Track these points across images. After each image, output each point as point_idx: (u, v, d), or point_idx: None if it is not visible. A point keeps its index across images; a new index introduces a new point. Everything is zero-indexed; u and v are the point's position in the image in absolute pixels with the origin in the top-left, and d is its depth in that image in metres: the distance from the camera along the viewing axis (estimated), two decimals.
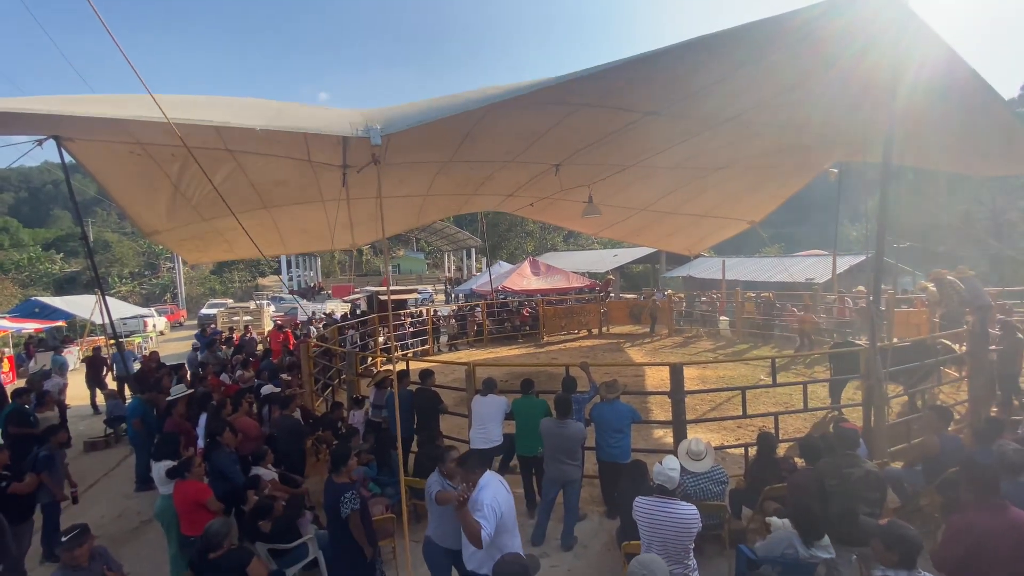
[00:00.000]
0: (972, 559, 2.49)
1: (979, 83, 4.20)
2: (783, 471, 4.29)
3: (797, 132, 6.58)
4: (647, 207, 11.57)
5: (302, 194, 7.84)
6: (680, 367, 5.43)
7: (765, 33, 3.78)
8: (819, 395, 8.02)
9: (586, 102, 4.78)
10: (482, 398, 5.32)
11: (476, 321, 15.92)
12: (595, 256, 35.99)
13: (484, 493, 2.87)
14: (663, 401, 7.84)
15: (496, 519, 2.81)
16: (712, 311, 16.27)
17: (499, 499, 2.88)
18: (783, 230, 41.62)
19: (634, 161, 7.58)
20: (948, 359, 6.88)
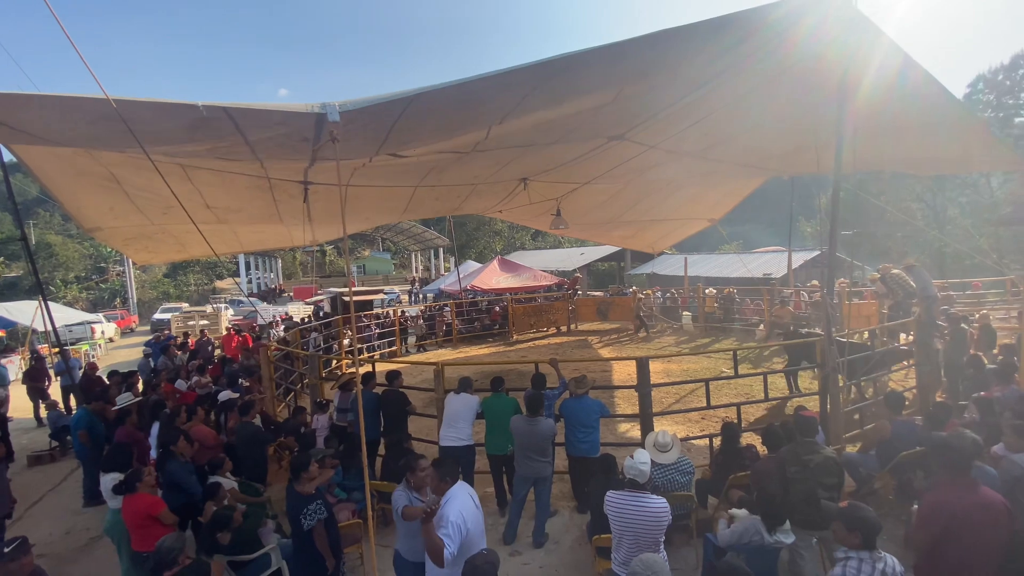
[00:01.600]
0: (949, 536, 2.59)
1: (933, 85, 4.40)
2: (746, 459, 4.41)
3: (753, 146, 6.84)
4: (613, 219, 11.99)
5: (261, 215, 7.66)
6: (646, 361, 5.51)
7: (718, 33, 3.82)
8: (778, 385, 8.33)
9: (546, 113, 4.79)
10: (455, 396, 5.26)
11: (445, 321, 15.77)
12: (563, 254, 36.35)
13: (450, 507, 2.76)
14: (630, 395, 7.97)
15: (461, 537, 2.69)
16: (675, 306, 16.65)
17: (465, 514, 2.77)
18: (741, 227, 43.07)
19: (600, 174, 7.75)
20: (896, 349, 7.26)
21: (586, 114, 4.86)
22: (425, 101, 3.45)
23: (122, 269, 37.06)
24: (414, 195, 8.03)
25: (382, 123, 3.74)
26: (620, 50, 3.61)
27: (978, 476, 3.00)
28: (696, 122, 5.48)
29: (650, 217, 12.05)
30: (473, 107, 4.08)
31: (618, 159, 6.87)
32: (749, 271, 18.80)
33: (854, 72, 4.28)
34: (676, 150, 6.66)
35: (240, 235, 9.36)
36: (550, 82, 3.81)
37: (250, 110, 3.06)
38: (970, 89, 28.25)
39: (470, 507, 2.86)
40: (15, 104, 2.92)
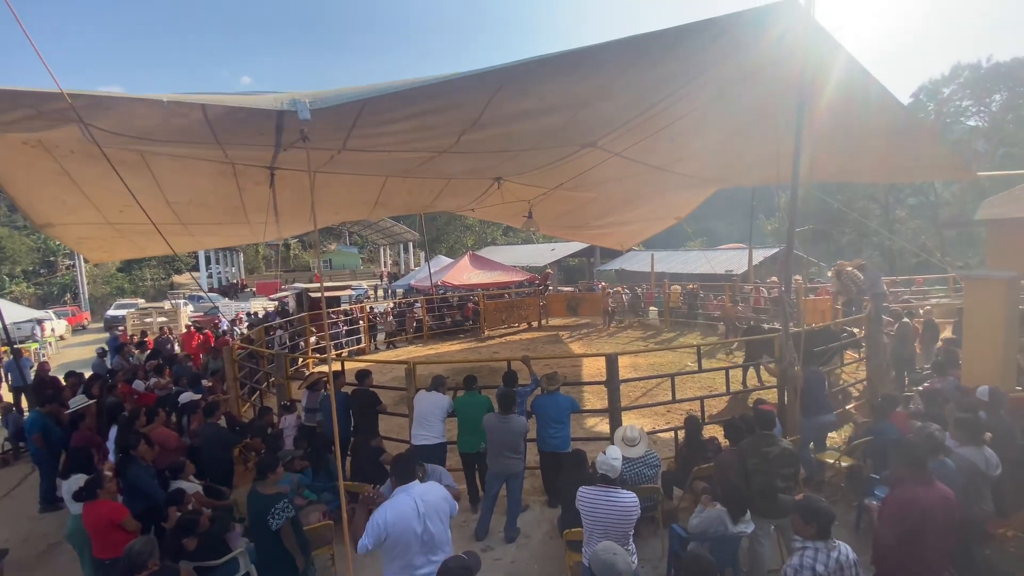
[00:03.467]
0: (915, 531, 2.76)
1: (885, 95, 4.65)
2: (709, 452, 4.60)
3: (717, 159, 7.08)
4: (584, 223, 12.28)
5: (225, 208, 7.41)
6: (615, 357, 5.65)
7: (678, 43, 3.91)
8: (739, 378, 8.66)
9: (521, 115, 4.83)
10: (425, 393, 5.27)
11: (415, 317, 15.65)
12: (534, 250, 36.48)
13: (382, 507, 2.83)
14: (599, 390, 8.14)
15: (377, 536, 2.73)
16: (640, 302, 17.02)
17: (390, 518, 2.75)
18: (706, 224, 44.22)
19: (572, 177, 7.87)
20: (849, 342, 7.65)
21: (559, 121, 4.93)
22: (397, 98, 3.43)
23: (72, 264, 35.07)
24: (385, 186, 7.89)
25: (349, 112, 3.70)
26: (585, 56, 3.69)
27: (937, 469, 3.21)
28: (663, 128, 5.63)
29: (620, 220, 12.38)
30: (445, 108, 4.08)
31: (590, 164, 7.00)
32: (712, 267, 19.37)
33: (812, 82, 4.47)
34: (644, 161, 6.85)
35: (201, 239, 9.07)
36: (521, 84, 3.84)
37: (217, 106, 2.98)
38: (913, 99, 29.73)
39: (404, 514, 2.79)
40: None
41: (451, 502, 3.06)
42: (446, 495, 3.04)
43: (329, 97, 3.12)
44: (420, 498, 2.87)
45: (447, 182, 8.19)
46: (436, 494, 2.97)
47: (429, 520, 2.84)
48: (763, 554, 3.68)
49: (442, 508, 2.95)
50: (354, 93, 3.24)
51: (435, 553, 2.86)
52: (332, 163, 5.63)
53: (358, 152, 5.10)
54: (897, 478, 3.04)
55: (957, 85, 28.55)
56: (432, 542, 2.85)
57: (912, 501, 2.81)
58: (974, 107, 28.95)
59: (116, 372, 8.58)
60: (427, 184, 8.18)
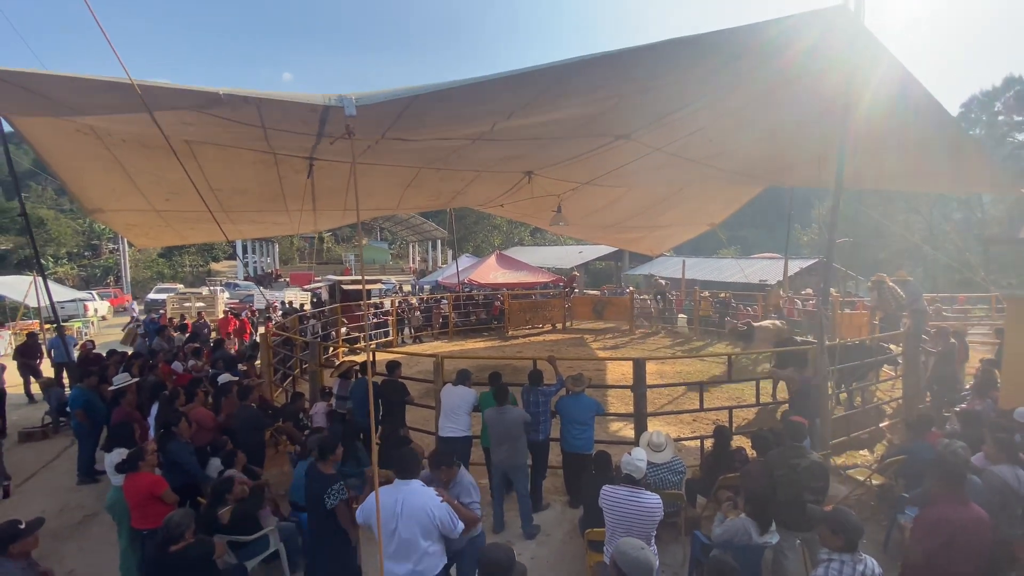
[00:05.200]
0: (946, 550, 2.70)
1: (932, 103, 4.51)
2: (736, 462, 4.53)
3: (755, 156, 6.93)
4: (615, 224, 12.15)
5: (264, 202, 7.67)
6: (643, 362, 5.62)
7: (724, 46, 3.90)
8: (768, 390, 8.47)
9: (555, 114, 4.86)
10: (452, 388, 5.35)
11: (442, 313, 15.84)
12: (561, 252, 36.44)
13: (372, 495, 2.94)
14: (623, 394, 8.10)
15: (363, 518, 3.02)
16: (670, 308, 16.80)
17: (368, 507, 2.94)
18: (739, 232, 43.30)
19: (605, 172, 7.81)
20: (886, 359, 7.40)
21: (594, 113, 4.93)
22: (437, 97, 3.51)
23: (115, 247, 36.81)
24: (417, 177, 8.00)
25: (391, 111, 3.81)
26: (628, 57, 3.69)
27: (967, 487, 3.12)
28: (699, 129, 5.57)
29: (652, 224, 12.21)
30: (482, 104, 4.15)
31: (624, 159, 6.93)
32: (746, 276, 18.99)
33: (856, 87, 4.37)
34: (681, 155, 6.74)
35: (242, 228, 9.41)
36: (558, 86, 3.88)
37: (268, 100, 3.13)
38: (964, 108, 28.47)
39: (386, 507, 2.87)
40: (37, 82, 2.96)
41: (437, 515, 2.87)
42: (433, 506, 2.87)
43: (375, 95, 3.23)
44: (404, 498, 2.88)
45: (477, 173, 8.22)
46: (420, 501, 2.88)
47: (402, 522, 2.82)
48: (788, 567, 3.62)
49: (420, 516, 2.83)
50: (398, 92, 3.34)
51: (407, 559, 2.83)
52: (369, 152, 5.78)
53: (395, 141, 5.22)
54: (931, 497, 2.96)
55: (1010, 98, 27.22)
56: (404, 547, 2.83)
57: (945, 520, 2.74)
58: None
59: (157, 353, 9.00)
60: (458, 175, 8.25)
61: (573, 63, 3.52)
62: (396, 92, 3.37)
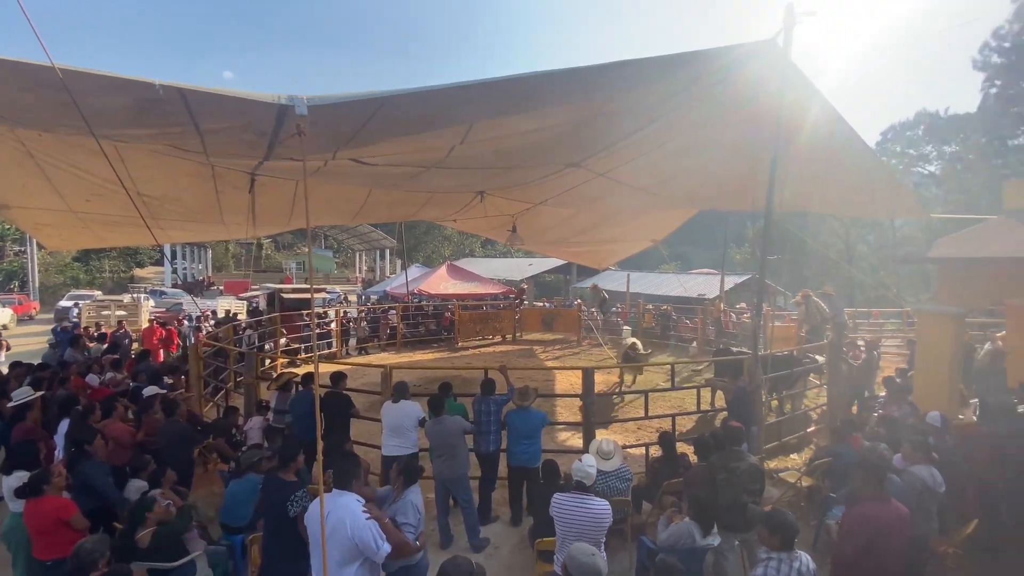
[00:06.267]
0: (871, 545, 2.88)
1: (854, 136, 4.94)
2: (680, 467, 4.69)
3: (697, 183, 7.36)
4: (565, 239, 12.50)
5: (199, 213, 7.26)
6: (591, 371, 5.73)
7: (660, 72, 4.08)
8: (708, 398, 8.85)
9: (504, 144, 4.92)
10: (393, 405, 5.10)
11: (390, 324, 15.46)
12: (511, 264, 36.62)
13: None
14: (571, 404, 8.21)
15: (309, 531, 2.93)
16: (615, 320, 17.28)
17: (312, 521, 2.88)
18: (680, 249, 45.39)
19: (556, 195, 8.05)
20: (812, 368, 7.95)
21: (546, 140, 5.05)
22: (396, 105, 3.45)
23: (22, 249, 33.31)
24: (369, 198, 7.91)
25: (349, 124, 3.71)
26: (582, 75, 3.81)
27: (887, 486, 3.38)
28: (645, 154, 5.83)
29: (599, 239, 12.64)
30: (439, 121, 4.12)
31: (573, 184, 7.17)
32: (686, 290, 19.89)
33: (784, 118, 4.72)
34: (627, 182, 7.05)
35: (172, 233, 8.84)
36: (517, 101, 3.93)
37: (210, 94, 2.94)
38: (882, 137, 31.65)
39: (311, 517, 2.87)
40: None
41: (356, 533, 2.72)
42: (353, 523, 2.74)
43: (328, 97, 3.13)
44: (330, 512, 2.78)
45: (431, 195, 8.24)
46: (342, 514, 2.77)
47: (329, 535, 2.74)
48: (727, 568, 3.76)
49: (340, 531, 2.72)
50: (353, 95, 3.25)
51: (332, 571, 2.73)
52: (320, 173, 5.60)
53: (348, 163, 5.09)
54: (855, 496, 3.18)
55: (920, 131, 30.52)
56: (331, 559, 2.74)
57: (869, 517, 2.94)
58: (933, 153, 30.91)
59: (69, 364, 8.18)
60: (411, 196, 8.21)
61: (537, 75, 3.57)
62: (351, 95, 3.28)
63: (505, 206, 9.24)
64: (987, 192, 23.90)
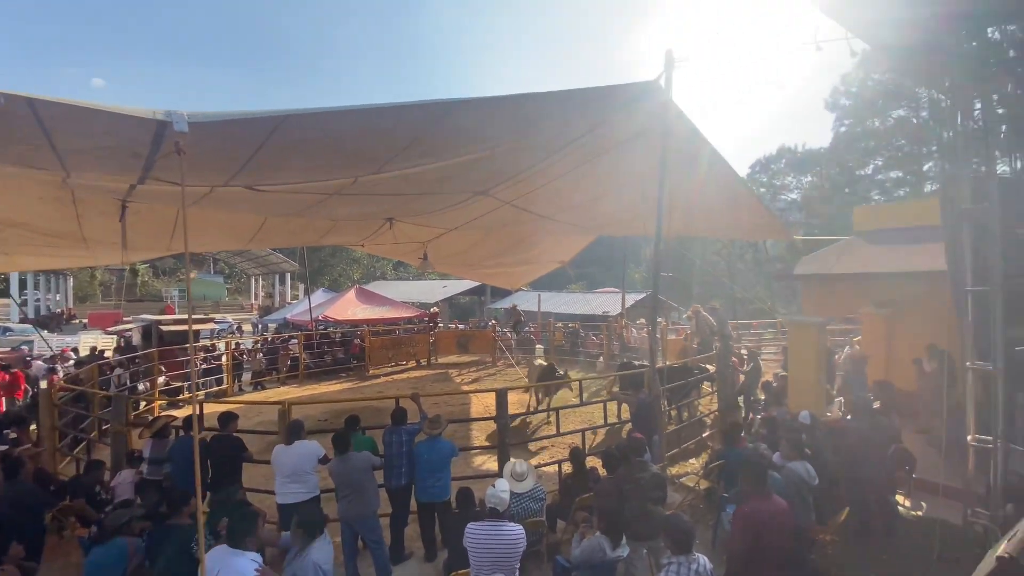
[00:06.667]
0: (759, 540, 3.14)
1: (728, 169, 5.59)
2: (590, 482, 4.84)
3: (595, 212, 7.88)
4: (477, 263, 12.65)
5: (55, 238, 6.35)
6: (504, 392, 5.76)
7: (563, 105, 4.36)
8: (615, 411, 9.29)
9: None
10: (286, 448, 4.65)
11: (290, 355, 14.41)
12: (425, 286, 36.14)
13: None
14: (487, 426, 8.17)
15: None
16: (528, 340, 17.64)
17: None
18: (587, 269, 47.67)
19: (465, 222, 8.15)
20: (704, 377, 8.69)
21: (455, 168, 5.11)
22: (297, 126, 3.29)
23: None
24: (265, 223, 7.40)
25: (244, 147, 3.46)
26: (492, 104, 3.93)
27: (769, 483, 3.74)
28: (547, 184, 6.14)
29: (511, 261, 12.96)
30: (342, 150, 3.99)
31: (483, 211, 7.32)
32: (591, 308, 20.89)
33: (672, 152, 5.24)
34: (532, 210, 7.36)
35: (19, 260, 7.61)
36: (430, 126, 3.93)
37: (70, 107, 2.58)
38: (751, 170, 36.22)
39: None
40: None
41: None
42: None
43: (214, 115, 2.90)
44: (220, 572, 2.63)
45: (335, 223, 7.94)
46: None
47: None
48: None
49: None
50: (245, 113, 3.05)
51: None
52: (207, 200, 5.13)
53: (241, 190, 4.73)
54: (743, 495, 3.49)
55: (782, 164, 35.34)
56: None
57: (754, 514, 3.25)
58: (793, 183, 35.89)
59: None
60: (312, 224, 7.85)
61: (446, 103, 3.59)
62: (241, 113, 3.06)
63: (415, 232, 9.14)
64: (840, 216, 28.10)
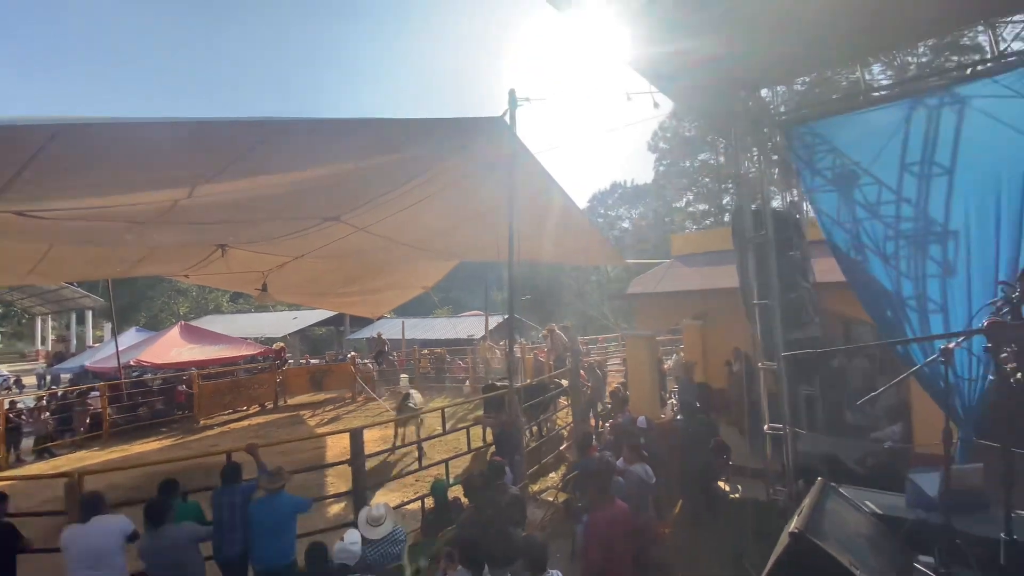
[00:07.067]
0: (607, 544, 3.33)
1: (569, 201, 6.09)
2: (453, 513, 4.75)
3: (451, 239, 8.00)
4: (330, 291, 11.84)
5: None
6: (360, 431, 5.41)
7: (403, 134, 4.40)
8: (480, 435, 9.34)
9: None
10: (81, 527, 3.77)
11: (91, 412, 11.79)
12: (271, 319, 32.64)
13: None
14: (345, 471, 7.59)
15: None
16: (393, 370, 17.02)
17: None
18: (451, 294, 47.93)
19: (314, 249, 7.61)
20: (560, 392, 9.22)
21: (298, 192, 4.78)
22: (81, 139, 2.74)
23: None
24: (50, 252, 6.04)
25: (3, 162, 2.77)
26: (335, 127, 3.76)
27: (613, 487, 4.05)
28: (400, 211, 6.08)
29: (370, 288, 12.39)
30: (153, 166, 3.45)
31: (334, 238, 6.93)
32: (457, 332, 20.98)
33: (520, 184, 5.57)
34: (389, 237, 7.19)
35: None
36: (260, 145, 3.59)
37: None
38: (589, 203, 40.73)
39: None
40: None
41: None
42: None
43: None
44: None
45: (151, 251, 6.82)
46: None
47: None
48: None
49: None
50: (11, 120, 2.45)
51: None
52: None
53: (9, 216, 3.79)
54: (590, 503, 3.75)
55: (615, 197, 40.13)
56: None
57: (601, 520, 3.50)
58: (625, 214, 40.90)
59: None
60: (117, 251, 6.62)
61: (281, 121, 3.30)
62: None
63: (253, 261, 8.25)
64: (663, 243, 32.62)
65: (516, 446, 6.20)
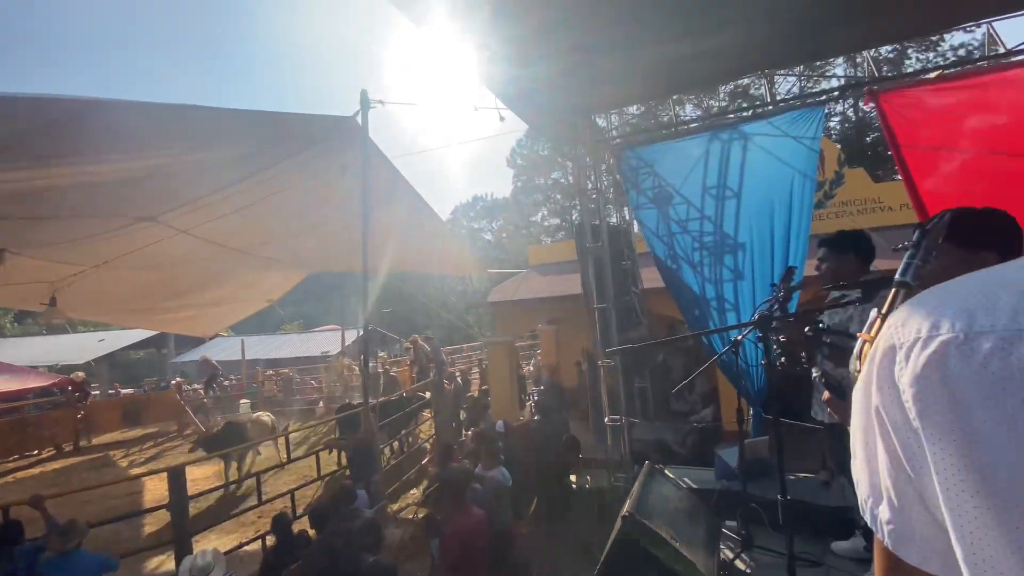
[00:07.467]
0: (464, 554, 3.26)
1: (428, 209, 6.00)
2: (298, 548, 4.32)
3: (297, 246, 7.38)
4: (151, 307, 10.00)
5: None
6: (180, 469, 4.66)
7: (250, 126, 4.02)
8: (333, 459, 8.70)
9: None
10: None
11: None
12: (70, 341, 26.46)
13: None
14: (165, 516, 6.46)
15: None
16: (228, 396, 15.08)
17: None
18: (303, 308, 44.18)
19: (125, 253, 6.35)
20: (422, 405, 9.05)
21: (99, 187, 3.98)
22: None
23: None
24: None
25: None
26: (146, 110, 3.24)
27: (470, 496, 4.05)
28: (234, 212, 5.45)
29: (201, 302, 10.73)
30: None
31: (149, 241, 5.89)
32: (309, 350, 19.36)
33: (373, 189, 5.36)
34: (221, 242, 6.38)
35: None
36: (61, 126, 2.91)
37: None
38: (452, 215, 41.47)
39: None
40: None
41: None
42: None
43: None
44: None
45: None
46: None
47: None
48: None
49: None
50: None
51: None
52: None
53: None
54: (446, 515, 3.71)
55: (477, 210, 41.24)
56: None
57: (457, 531, 3.48)
58: (487, 226, 42.17)
59: None
60: None
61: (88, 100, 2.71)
62: None
63: (42, 270, 6.57)
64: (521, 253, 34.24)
65: (373, 466, 5.89)
